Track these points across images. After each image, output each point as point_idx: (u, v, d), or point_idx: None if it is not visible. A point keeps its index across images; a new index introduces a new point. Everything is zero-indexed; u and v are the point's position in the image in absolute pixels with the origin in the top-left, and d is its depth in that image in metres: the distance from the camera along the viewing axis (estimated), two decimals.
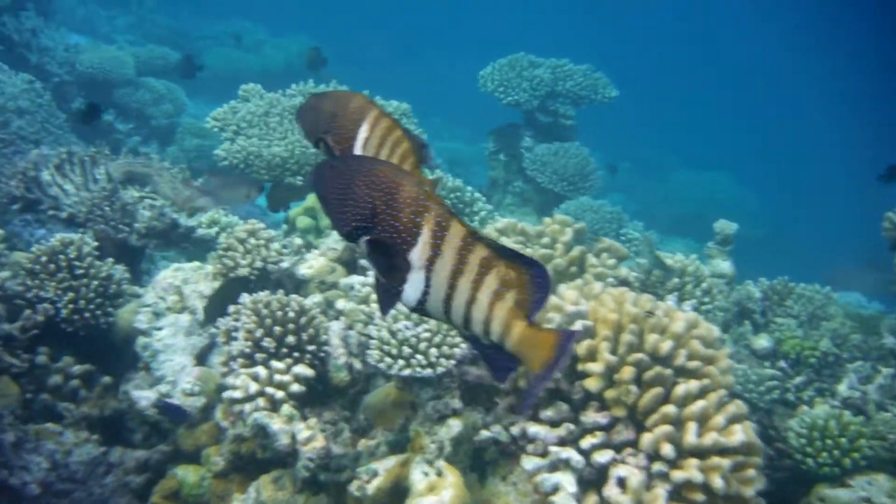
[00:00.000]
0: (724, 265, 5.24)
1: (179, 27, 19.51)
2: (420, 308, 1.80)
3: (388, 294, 1.82)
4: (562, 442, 3.17)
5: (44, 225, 6.35)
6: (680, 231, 15.30)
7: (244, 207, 7.07)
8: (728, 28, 37.87)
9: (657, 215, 16.00)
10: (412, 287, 1.76)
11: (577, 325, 3.19)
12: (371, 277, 3.95)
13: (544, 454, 3.18)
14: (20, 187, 5.26)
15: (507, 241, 4.02)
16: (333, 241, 4.67)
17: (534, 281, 1.69)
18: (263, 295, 3.87)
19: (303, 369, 3.63)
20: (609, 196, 9.28)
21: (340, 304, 4.14)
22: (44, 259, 4.50)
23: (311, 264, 4.47)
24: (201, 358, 4.25)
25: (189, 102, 12.50)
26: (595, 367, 3.10)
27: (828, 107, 32.06)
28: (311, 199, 5.64)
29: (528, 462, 3.17)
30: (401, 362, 3.33)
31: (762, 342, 4.88)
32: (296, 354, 3.69)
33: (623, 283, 3.98)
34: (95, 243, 4.71)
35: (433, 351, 3.31)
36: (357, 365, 3.83)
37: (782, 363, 4.82)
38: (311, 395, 3.69)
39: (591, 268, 3.94)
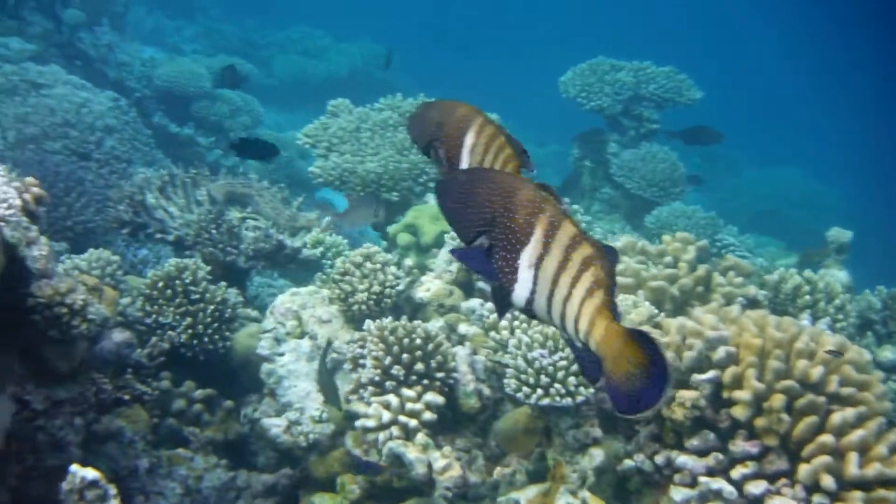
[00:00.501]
0: (841, 275, 5.10)
1: (246, 36, 19.72)
2: (528, 309, 1.81)
3: (504, 297, 1.85)
4: (710, 472, 3.11)
5: (144, 245, 6.48)
6: (757, 229, 15.00)
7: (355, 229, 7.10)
8: (786, 18, 37.06)
9: (732, 212, 15.72)
10: (522, 286, 1.78)
11: (721, 352, 3.13)
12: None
13: (693, 485, 3.12)
14: (128, 212, 5.35)
15: (627, 261, 3.97)
16: (446, 263, 4.66)
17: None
18: (388, 321, 3.88)
19: (433, 397, 3.63)
20: (684, 196, 9.10)
21: (463, 328, 4.13)
22: (161, 285, 4.58)
23: (429, 287, 4.46)
24: None
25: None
26: (742, 394, 3.03)
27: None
28: (411, 216, 5.64)
29: (677, 493, 3.12)
30: (539, 392, 3.30)
31: (887, 354, 4.74)
32: (425, 382, 3.69)
33: (752, 302, 3.90)
34: (208, 268, 4.77)
35: (571, 379, 3.28)
36: (486, 391, 3.81)
37: None
38: (442, 422, 3.69)
39: (718, 287, 3.87)
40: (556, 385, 3.27)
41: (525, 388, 3.34)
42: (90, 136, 7.65)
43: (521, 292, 1.79)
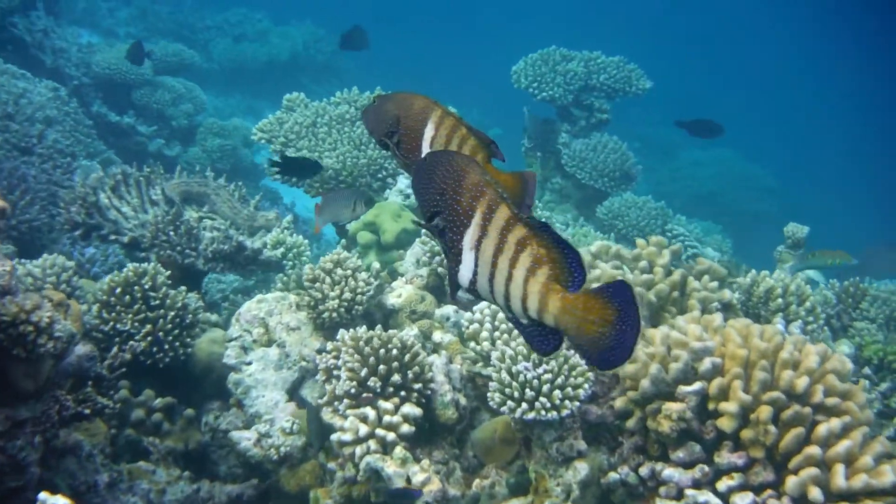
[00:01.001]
0: None
1: (184, 18, 19.22)
2: (472, 288, 1.89)
3: (455, 277, 1.92)
4: (696, 484, 3.10)
5: (91, 243, 6.26)
6: (695, 212, 15.20)
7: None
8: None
9: (670, 195, 15.88)
10: (465, 267, 1.87)
11: (706, 363, 3.12)
12: (478, 313, 3.87)
13: (679, 497, 3.11)
14: (81, 213, 5.15)
15: (603, 266, 3.94)
16: (415, 266, 4.59)
17: (567, 260, 1.75)
18: (363, 331, 3.79)
19: (411, 409, 3.57)
20: (634, 186, 9.15)
21: (437, 336, 4.06)
22: (118, 291, 4.42)
23: (400, 293, 4.37)
24: (292, 392, 4.17)
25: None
26: (729, 406, 3.03)
27: (839, 77, 31.77)
28: (371, 213, 5.54)
29: None
30: (524, 406, 3.25)
31: (843, 348, 4.81)
32: (402, 393, 3.62)
33: (727, 306, 3.91)
34: (168, 272, 4.63)
35: (557, 393, 3.24)
36: (462, 401, 3.76)
37: (866, 370, 4.75)
38: (419, 433, 3.63)
39: (694, 292, 3.86)
40: (542, 399, 3.23)
41: (510, 402, 3.28)
42: (31, 130, 7.35)
43: (464, 273, 1.88)
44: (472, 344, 3.76)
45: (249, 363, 4.21)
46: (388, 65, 20.16)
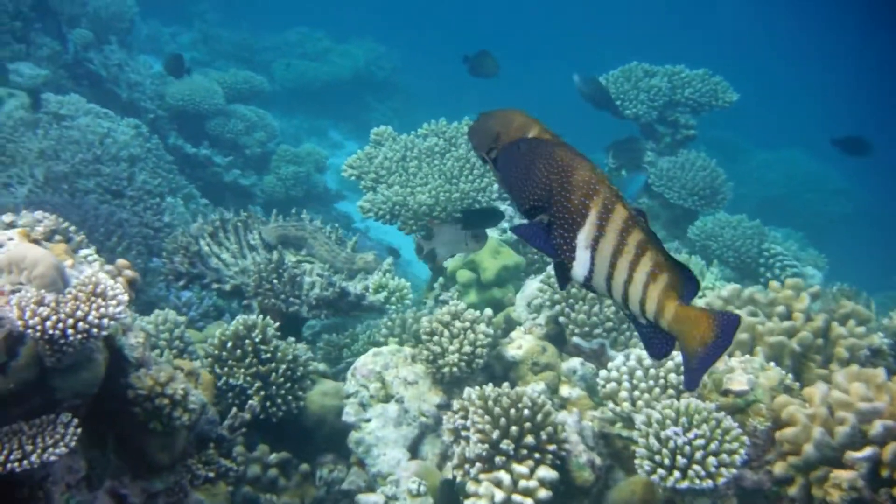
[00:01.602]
0: None
1: (245, 41, 19.34)
2: (588, 284, 1.91)
3: (564, 272, 1.94)
4: None
5: (187, 286, 6.24)
6: (767, 217, 14.75)
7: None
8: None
9: (738, 200, 15.47)
10: (580, 265, 1.88)
11: (877, 427, 2.93)
12: (614, 371, 3.71)
13: None
14: (184, 263, 5.13)
15: (738, 313, 3.75)
16: (527, 311, 4.45)
17: (681, 272, 1.79)
18: (490, 389, 3.67)
19: (547, 472, 3.43)
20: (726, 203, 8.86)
21: (564, 391, 3.92)
22: (229, 345, 4.36)
23: (520, 344, 4.24)
24: (414, 450, 4.07)
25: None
26: None
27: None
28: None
29: None
30: (676, 474, 3.10)
31: None
32: (536, 455, 3.49)
33: (876, 352, 3.69)
34: (277, 324, 4.57)
35: (711, 459, 3.08)
36: (597, 460, 3.61)
37: None
38: (554, 496, 3.49)
39: (840, 339, 3.65)
40: (695, 466, 3.07)
41: (661, 470, 3.13)
42: (122, 173, 7.31)
43: (579, 270, 1.89)
44: (611, 404, 3.60)
45: (369, 420, 4.11)
46: (450, 80, 20.08)
